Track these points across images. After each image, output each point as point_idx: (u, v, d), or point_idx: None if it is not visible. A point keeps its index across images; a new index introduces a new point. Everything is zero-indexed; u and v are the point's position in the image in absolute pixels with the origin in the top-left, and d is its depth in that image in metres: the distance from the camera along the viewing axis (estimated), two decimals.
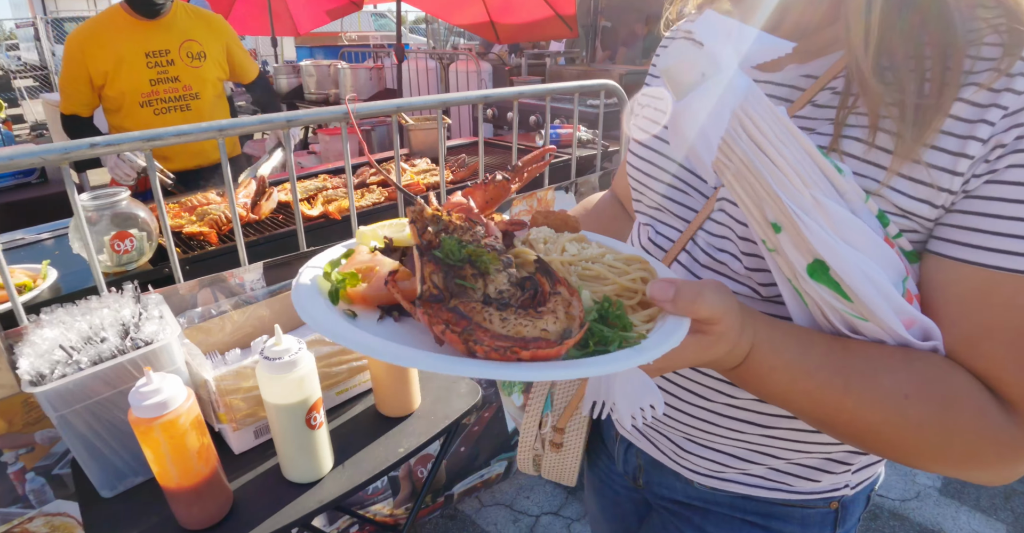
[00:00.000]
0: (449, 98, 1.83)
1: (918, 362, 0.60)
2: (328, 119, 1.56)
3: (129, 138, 1.24)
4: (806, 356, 0.61)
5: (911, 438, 0.60)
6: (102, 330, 1.12)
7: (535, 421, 1.10)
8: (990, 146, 0.56)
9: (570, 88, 2.33)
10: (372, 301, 0.62)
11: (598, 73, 5.82)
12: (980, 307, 0.59)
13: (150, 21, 2.53)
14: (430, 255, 0.56)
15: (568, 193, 2.53)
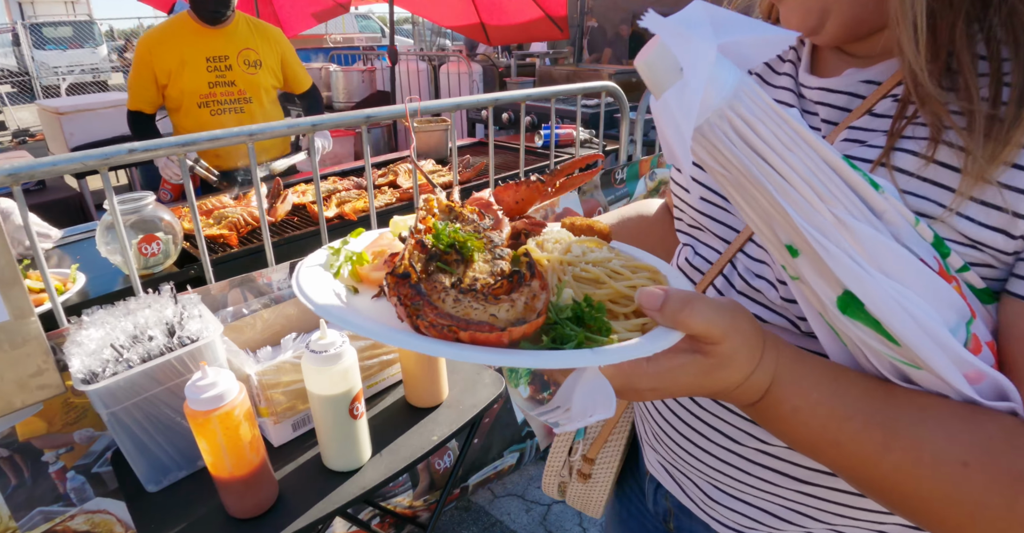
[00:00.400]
0: (465, 101, 1.88)
1: (988, 424, 0.49)
2: (350, 124, 1.60)
3: (165, 144, 1.28)
4: (838, 398, 0.52)
5: (966, 518, 0.49)
6: (148, 329, 1.16)
7: (565, 446, 1.07)
8: None
9: (575, 90, 2.39)
10: (375, 281, 0.64)
11: (587, 74, 5.90)
12: None
13: (213, 28, 2.72)
14: (418, 238, 0.56)
15: (573, 192, 2.59)
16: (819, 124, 0.66)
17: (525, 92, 2.14)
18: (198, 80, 2.69)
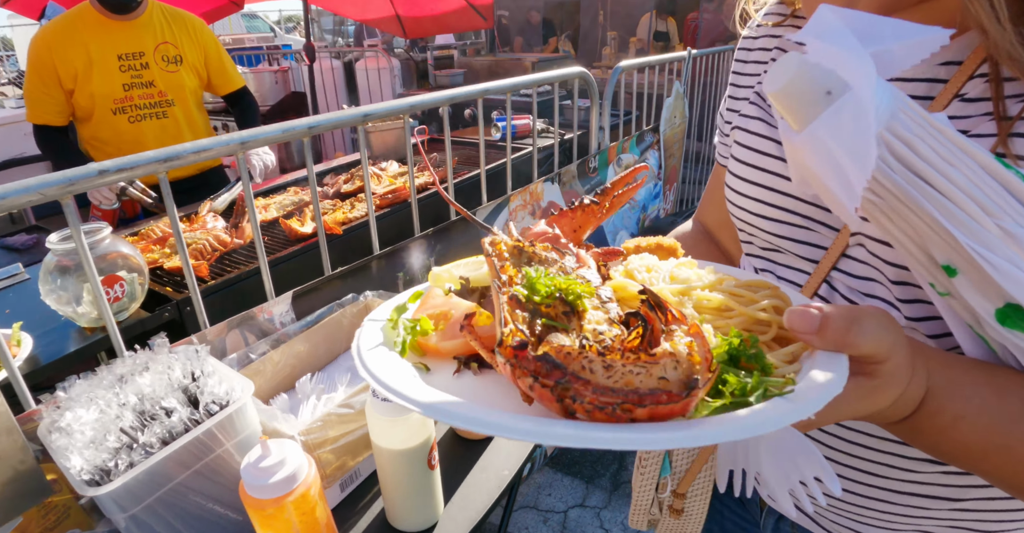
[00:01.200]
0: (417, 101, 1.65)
1: None
2: (348, 124, 1.37)
3: (143, 160, 1.01)
4: (1002, 401, 0.49)
5: None
6: (161, 400, 0.91)
7: (651, 484, 0.96)
8: None
9: (550, 78, 2.23)
10: (447, 351, 0.54)
11: (508, 63, 5.77)
12: None
13: (122, 20, 2.30)
14: (511, 292, 0.46)
15: (554, 184, 2.44)
16: None
17: (482, 86, 1.94)
18: (110, 82, 2.26)
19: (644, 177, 0.76)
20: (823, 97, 0.42)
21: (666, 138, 3.69)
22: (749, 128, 0.73)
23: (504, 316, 0.44)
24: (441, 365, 0.53)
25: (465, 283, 0.58)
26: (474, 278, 0.59)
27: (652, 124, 3.47)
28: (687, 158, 4.46)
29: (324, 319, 1.36)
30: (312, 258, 1.74)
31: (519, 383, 0.41)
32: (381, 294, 1.46)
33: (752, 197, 0.72)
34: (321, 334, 1.35)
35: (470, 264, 0.64)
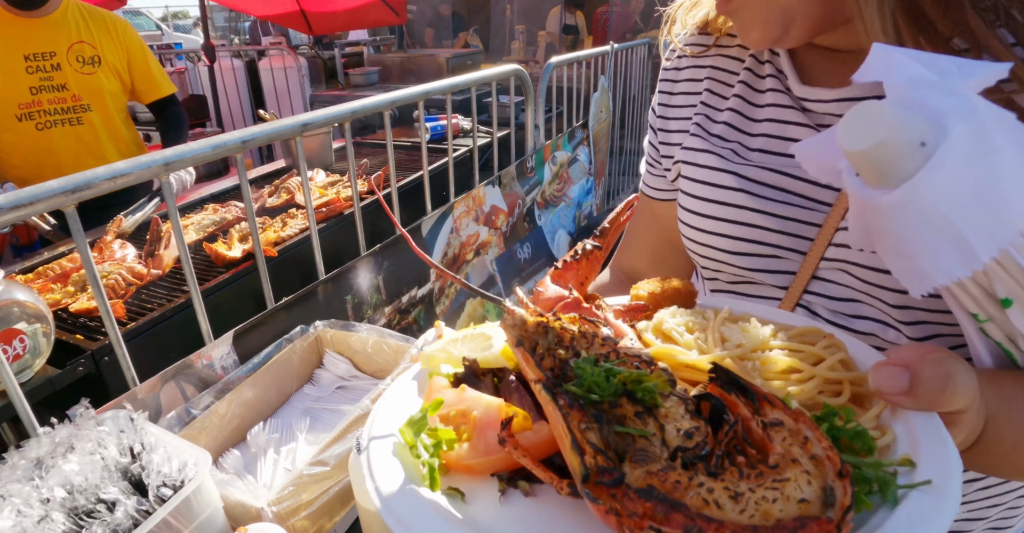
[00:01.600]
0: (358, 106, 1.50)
1: None
2: (287, 135, 1.21)
3: (45, 192, 0.83)
4: (1009, 401, 0.48)
5: None
6: (99, 491, 0.74)
7: None
8: None
9: (488, 77, 2.12)
10: (482, 469, 0.42)
11: (422, 60, 5.58)
12: None
13: (31, 16, 2.03)
14: (566, 395, 0.37)
15: (495, 187, 2.34)
16: None
17: (440, 84, 1.82)
18: (15, 85, 2.01)
19: (634, 209, 0.69)
20: (917, 149, 0.36)
21: (595, 133, 3.67)
22: (699, 162, 0.71)
23: (572, 430, 0.35)
24: (475, 486, 0.41)
25: (471, 367, 0.48)
26: (482, 360, 0.49)
27: (581, 120, 3.43)
28: (611, 151, 4.47)
29: (272, 358, 1.20)
30: (245, 287, 1.56)
31: (621, 528, 0.32)
32: (332, 323, 1.31)
33: (718, 233, 0.69)
34: (270, 376, 1.19)
35: (469, 340, 0.53)
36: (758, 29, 0.59)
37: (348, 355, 1.32)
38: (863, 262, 0.59)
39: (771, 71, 0.69)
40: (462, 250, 2.13)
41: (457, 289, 2.14)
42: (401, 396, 0.50)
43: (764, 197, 0.65)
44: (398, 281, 1.71)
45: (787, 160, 0.65)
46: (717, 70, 0.75)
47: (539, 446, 0.38)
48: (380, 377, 1.29)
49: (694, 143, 0.73)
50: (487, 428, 0.41)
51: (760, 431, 0.35)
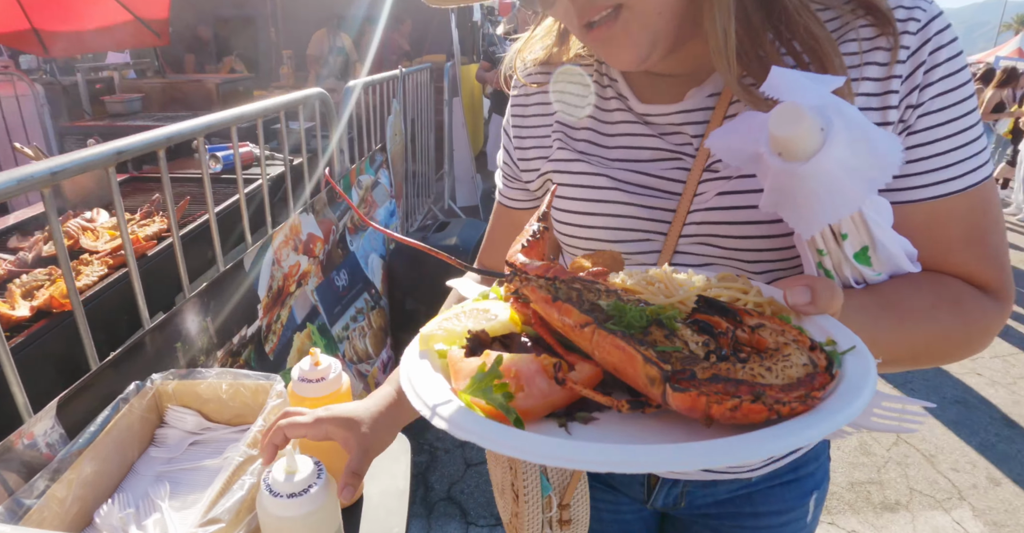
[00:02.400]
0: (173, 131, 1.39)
1: (924, 281, 0.69)
2: (97, 165, 1.07)
3: None
4: (869, 311, 0.65)
5: (950, 336, 0.70)
6: None
7: (536, 509, 0.97)
8: (900, 111, 0.67)
9: (291, 102, 2.05)
10: (543, 410, 0.49)
11: (188, 86, 5.13)
12: (937, 227, 0.70)
13: None
14: (616, 332, 0.47)
15: (309, 214, 2.26)
16: (689, 140, 0.77)
17: (236, 111, 1.73)
18: None
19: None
20: (820, 134, 0.51)
21: (392, 156, 3.70)
22: (572, 170, 0.84)
23: (643, 355, 0.44)
24: (538, 427, 0.47)
25: (480, 337, 0.53)
26: (490, 329, 0.54)
27: (379, 143, 3.45)
28: (405, 174, 4.53)
29: (110, 423, 1.05)
30: (43, 348, 1.33)
31: (712, 410, 0.42)
32: (173, 373, 1.18)
33: (598, 226, 0.82)
34: (111, 445, 1.05)
35: (466, 315, 0.57)
36: (629, 53, 0.70)
37: (196, 407, 1.20)
38: (721, 233, 0.74)
39: (614, 95, 0.83)
40: (286, 282, 2.03)
41: (283, 324, 2.03)
42: (420, 375, 0.52)
43: (632, 192, 0.79)
44: (227, 321, 1.59)
45: (642, 163, 0.80)
46: (566, 94, 0.88)
47: (588, 380, 0.47)
48: (238, 423, 1.19)
49: (563, 155, 0.84)
50: (533, 377, 0.47)
51: (747, 334, 0.48)
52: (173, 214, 1.38)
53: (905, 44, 0.66)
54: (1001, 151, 9.23)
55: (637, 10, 0.67)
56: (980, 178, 0.69)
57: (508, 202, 1.00)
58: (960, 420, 3.46)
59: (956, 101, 0.67)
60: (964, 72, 0.68)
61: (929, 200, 0.69)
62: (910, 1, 0.67)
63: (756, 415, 0.41)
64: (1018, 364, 4.15)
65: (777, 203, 0.59)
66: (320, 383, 1.01)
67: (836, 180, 0.52)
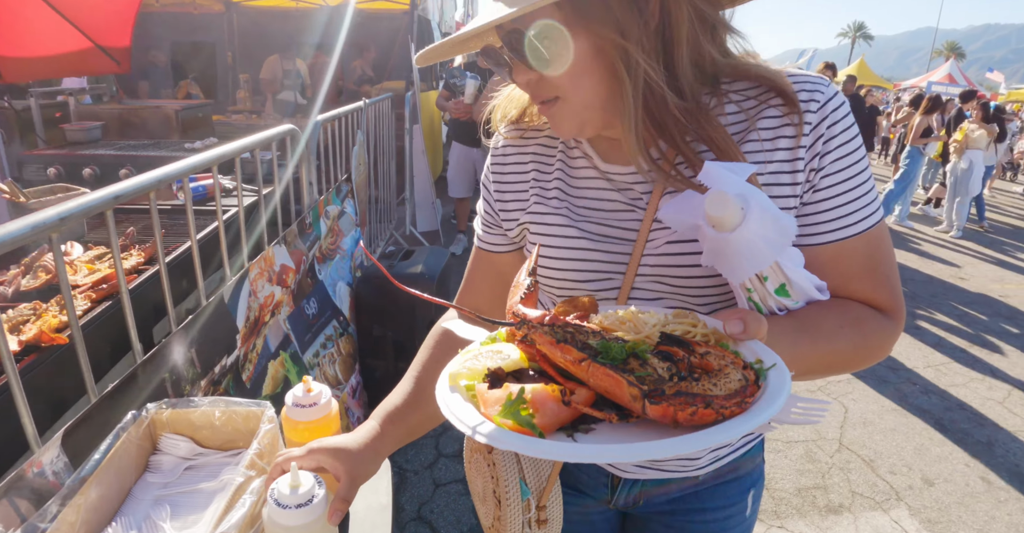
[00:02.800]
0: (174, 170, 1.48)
1: (832, 306, 0.85)
2: (97, 209, 1.15)
3: None
4: (787, 335, 0.79)
5: (855, 351, 0.86)
6: None
7: (517, 512, 1.09)
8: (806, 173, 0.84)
9: (265, 139, 2.15)
10: (554, 426, 0.64)
11: (146, 112, 5.12)
12: (840, 263, 0.86)
13: None
14: (606, 365, 0.63)
15: (281, 246, 2.34)
16: (640, 196, 0.92)
17: (231, 146, 1.83)
18: None
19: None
20: (740, 212, 0.69)
21: (357, 185, 3.80)
22: (547, 222, 0.99)
23: (627, 379, 0.60)
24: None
25: (495, 372, 0.67)
26: (506, 366, 0.68)
27: (345, 174, 3.54)
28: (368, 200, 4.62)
29: (111, 452, 1.13)
30: (34, 382, 1.38)
31: (678, 416, 0.58)
32: (168, 402, 1.26)
33: (571, 269, 0.97)
34: (112, 472, 1.12)
35: (484, 356, 0.71)
36: (565, 130, 0.88)
37: (189, 433, 1.27)
38: (670, 274, 0.89)
39: (580, 154, 0.99)
40: (261, 313, 2.10)
41: (259, 353, 2.10)
42: (456, 405, 0.66)
43: (596, 240, 0.94)
44: (210, 351, 1.66)
45: (604, 214, 0.95)
46: (539, 155, 1.03)
47: (586, 401, 0.62)
48: (229, 448, 1.27)
49: (539, 209, 0.99)
50: (546, 401, 0.61)
51: (698, 359, 0.64)
52: (161, 250, 1.46)
53: (808, 121, 0.83)
54: (933, 172, 9.86)
55: (568, 103, 0.85)
56: (873, 222, 0.86)
57: (489, 247, 1.12)
58: (897, 427, 3.71)
59: (850, 163, 0.85)
60: (856, 139, 0.86)
61: (834, 242, 0.86)
62: (811, 85, 0.85)
63: (708, 418, 0.57)
64: (949, 373, 4.45)
65: (713, 260, 0.76)
66: (313, 408, 1.11)
67: (753, 245, 0.70)
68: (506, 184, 1.06)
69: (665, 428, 0.60)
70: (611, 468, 1.13)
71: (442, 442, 3.28)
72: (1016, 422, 3.82)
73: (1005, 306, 5.90)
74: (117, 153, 3.72)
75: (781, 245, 0.71)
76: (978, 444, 3.56)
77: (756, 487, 1.17)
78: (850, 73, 13.31)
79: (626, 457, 0.56)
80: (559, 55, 0.80)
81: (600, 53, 0.81)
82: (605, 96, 0.84)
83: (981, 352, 4.84)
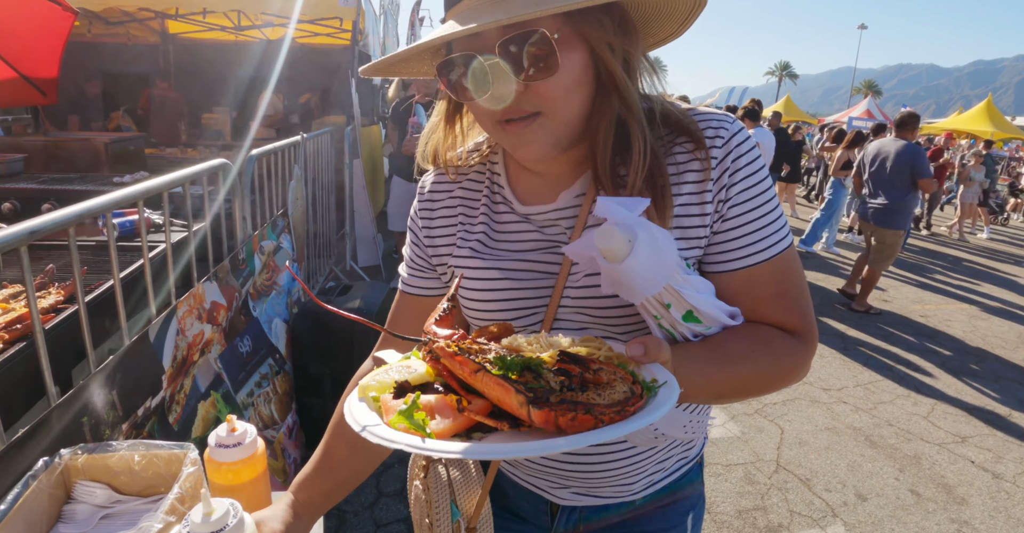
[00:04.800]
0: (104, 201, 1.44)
1: (743, 331, 0.88)
2: (10, 246, 1.11)
3: None
4: (706, 362, 0.84)
5: (767, 374, 0.90)
6: None
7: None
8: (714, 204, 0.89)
9: (196, 173, 2.11)
10: (449, 432, 0.67)
11: (73, 143, 4.95)
12: (752, 289, 0.91)
13: None
14: (498, 375, 0.67)
15: (212, 282, 2.28)
16: (563, 231, 0.96)
17: (159, 181, 1.80)
18: None
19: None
20: (628, 244, 0.74)
21: (294, 220, 3.75)
22: (470, 265, 1.01)
23: (516, 387, 0.63)
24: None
25: (403, 385, 0.71)
26: (412, 379, 0.71)
27: (280, 208, 3.50)
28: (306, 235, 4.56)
29: (19, 501, 1.07)
30: None
31: (559, 421, 0.61)
32: (84, 447, 1.20)
33: (496, 310, 1.00)
34: (20, 523, 1.06)
35: (393, 370, 0.74)
36: (536, 150, 0.87)
37: (106, 480, 1.22)
38: (590, 305, 0.93)
39: (501, 199, 1.02)
40: (190, 351, 2.03)
41: (187, 394, 2.02)
42: (358, 410, 0.69)
43: (519, 278, 0.97)
44: (133, 393, 1.60)
45: (526, 252, 0.98)
46: (465, 199, 1.06)
47: (481, 410, 0.65)
48: (150, 494, 1.22)
49: (462, 253, 1.02)
50: (443, 408, 0.65)
51: (591, 375, 0.67)
52: (80, 289, 1.41)
53: (714, 155, 0.89)
54: (854, 202, 10.44)
55: (551, 119, 0.85)
56: (781, 249, 0.91)
57: (415, 291, 1.12)
58: (831, 445, 3.84)
59: (755, 194, 0.90)
60: (760, 171, 0.91)
61: (744, 268, 0.90)
62: (716, 122, 0.91)
63: (587, 423, 0.60)
64: (877, 391, 4.65)
65: (611, 286, 0.81)
66: (237, 448, 1.08)
67: (642, 273, 0.75)
68: (436, 228, 1.08)
69: (552, 436, 0.63)
70: (548, 495, 1.14)
71: (383, 481, 3.20)
72: (940, 435, 4.02)
73: (926, 326, 6.25)
74: (40, 187, 3.57)
75: (668, 272, 0.76)
76: (906, 458, 3.72)
77: (696, 510, 1.20)
78: (776, 110, 14.05)
79: (497, 455, 0.59)
80: (558, 65, 0.80)
81: (589, 68, 0.84)
82: (584, 114, 0.87)
83: (906, 369, 5.09)
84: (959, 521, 3.14)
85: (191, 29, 8.18)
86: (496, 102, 0.84)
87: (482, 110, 0.87)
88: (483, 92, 0.83)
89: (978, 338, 5.97)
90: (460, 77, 0.85)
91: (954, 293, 7.65)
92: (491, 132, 0.91)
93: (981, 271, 9.05)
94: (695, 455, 1.18)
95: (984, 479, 3.54)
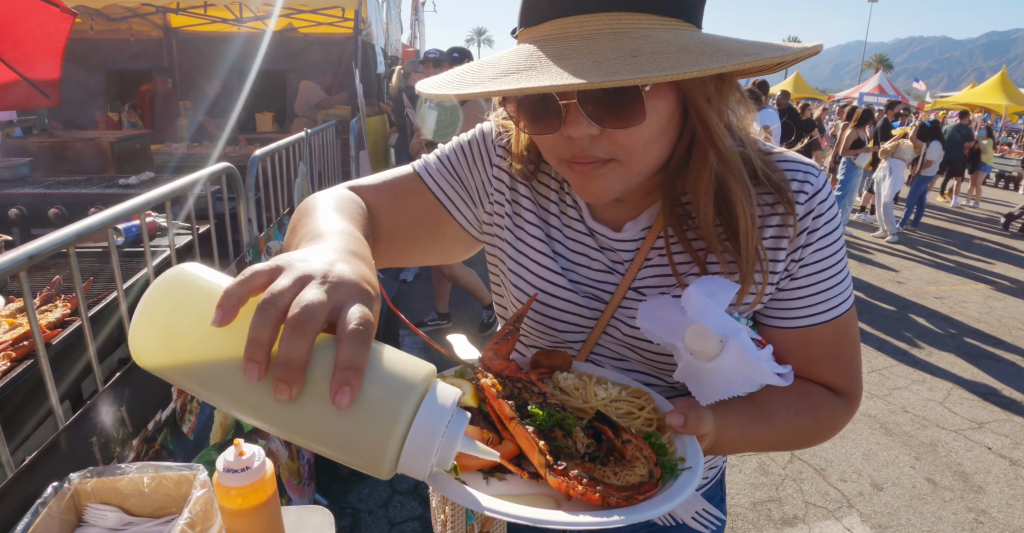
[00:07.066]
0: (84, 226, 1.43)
1: (790, 393, 0.90)
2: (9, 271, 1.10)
3: None
4: (748, 424, 0.87)
5: (807, 434, 0.94)
6: None
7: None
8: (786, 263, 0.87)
9: (199, 178, 2.09)
10: (473, 466, 0.72)
11: (78, 143, 4.96)
12: (806, 347, 0.91)
13: None
14: (532, 426, 0.70)
15: None
16: (623, 260, 0.93)
17: (160, 191, 1.78)
18: None
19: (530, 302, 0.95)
20: (718, 344, 0.75)
21: None
22: (542, 263, 0.97)
23: (539, 447, 0.66)
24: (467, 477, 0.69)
25: None
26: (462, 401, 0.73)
27: (287, 207, 3.48)
28: None
29: (30, 530, 1.06)
30: None
31: (570, 492, 0.63)
32: (92, 471, 1.20)
33: (551, 315, 0.98)
34: None
35: None
36: (601, 194, 0.80)
37: (117, 502, 1.21)
38: (636, 337, 0.91)
39: (572, 204, 0.97)
40: None
41: (200, 403, 2.02)
42: None
43: (579, 293, 0.96)
44: (142, 407, 1.59)
45: (585, 269, 0.96)
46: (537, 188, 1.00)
47: (508, 453, 0.69)
48: (161, 515, 1.22)
49: (537, 245, 0.97)
50: None
51: (619, 444, 0.69)
52: (83, 303, 1.40)
53: (796, 212, 0.84)
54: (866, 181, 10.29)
55: (626, 166, 0.77)
56: (842, 311, 0.90)
57: (430, 185, 0.99)
58: (845, 433, 3.81)
59: (828, 255, 0.87)
60: (836, 231, 0.88)
61: (803, 328, 0.89)
62: (801, 174, 0.86)
63: (594, 501, 0.62)
64: (892, 377, 4.61)
65: (685, 379, 0.82)
66: (245, 473, 1.07)
67: (726, 377, 0.77)
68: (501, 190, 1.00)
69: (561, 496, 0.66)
70: None
71: (396, 478, 3.22)
72: (956, 421, 3.98)
73: (940, 308, 6.18)
74: (46, 192, 3.57)
75: (752, 384, 0.79)
76: (922, 445, 3.69)
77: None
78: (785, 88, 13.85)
79: (502, 516, 0.60)
80: (644, 115, 0.71)
81: (675, 116, 0.77)
82: (662, 162, 0.82)
83: (921, 353, 5.04)
84: (976, 510, 3.12)
85: (193, 22, 8.12)
86: (567, 145, 0.76)
87: (548, 145, 0.79)
88: (552, 131, 0.74)
89: (994, 319, 5.90)
90: (528, 111, 0.76)
91: (968, 273, 7.55)
92: (556, 166, 0.82)
93: (996, 250, 8.92)
94: (715, 475, 1.15)
95: (1001, 466, 3.50)
